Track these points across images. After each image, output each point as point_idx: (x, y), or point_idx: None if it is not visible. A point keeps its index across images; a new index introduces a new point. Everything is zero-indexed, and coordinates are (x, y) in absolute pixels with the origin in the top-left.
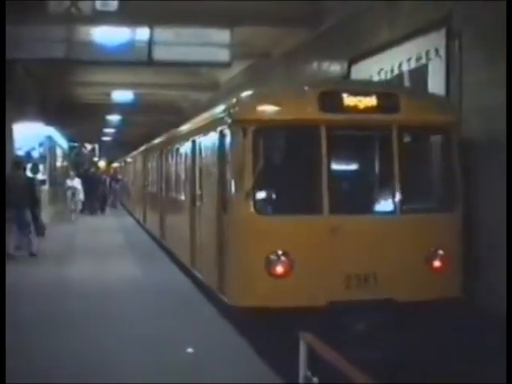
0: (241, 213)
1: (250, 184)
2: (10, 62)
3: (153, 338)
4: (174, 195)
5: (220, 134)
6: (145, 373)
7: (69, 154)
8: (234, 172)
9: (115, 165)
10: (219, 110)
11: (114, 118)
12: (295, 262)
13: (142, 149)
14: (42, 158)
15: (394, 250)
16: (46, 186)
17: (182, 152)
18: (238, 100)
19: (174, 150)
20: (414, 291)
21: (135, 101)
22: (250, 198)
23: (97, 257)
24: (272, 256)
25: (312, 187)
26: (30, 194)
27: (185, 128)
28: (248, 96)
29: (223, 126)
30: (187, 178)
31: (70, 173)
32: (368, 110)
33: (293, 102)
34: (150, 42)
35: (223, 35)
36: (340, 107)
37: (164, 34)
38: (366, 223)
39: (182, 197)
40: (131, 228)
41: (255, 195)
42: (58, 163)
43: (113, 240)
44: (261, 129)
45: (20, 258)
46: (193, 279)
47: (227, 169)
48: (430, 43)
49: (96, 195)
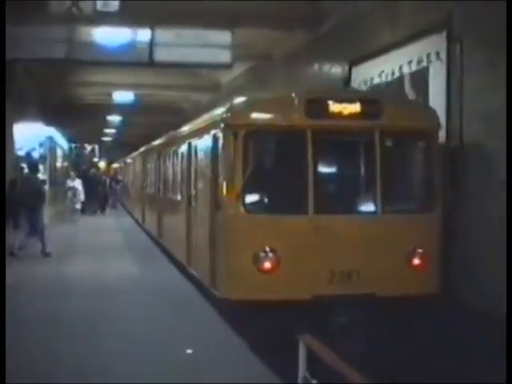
0: (231, 212)
1: (240, 185)
2: (11, 62)
3: (150, 335)
4: (171, 196)
5: (213, 138)
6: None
7: (69, 155)
8: (225, 173)
9: (115, 165)
10: (213, 114)
11: (114, 118)
12: (282, 258)
13: (141, 150)
14: (43, 159)
15: (375, 247)
16: (47, 187)
17: (178, 154)
18: (230, 106)
19: (172, 152)
20: (394, 287)
21: (136, 101)
22: (240, 198)
23: (97, 256)
24: (260, 252)
25: (298, 188)
26: (43, 195)
27: (181, 131)
28: (240, 102)
29: (216, 130)
30: (183, 179)
31: (71, 173)
32: (351, 116)
33: (281, 108)
34: (151, 43)
35: (224, 37)
36: (325, 113)
37: (165, 35)
38: (349, 223)
39: (179, 197)
40: (130, 228)
41: (245, 195)
42: (58, 163)
43: (112, 240)
44: (251, 133)
45: (22, 257)
46: (188, 277)
47: (220, 170)
48: (431, 46)
49: (96, 196)
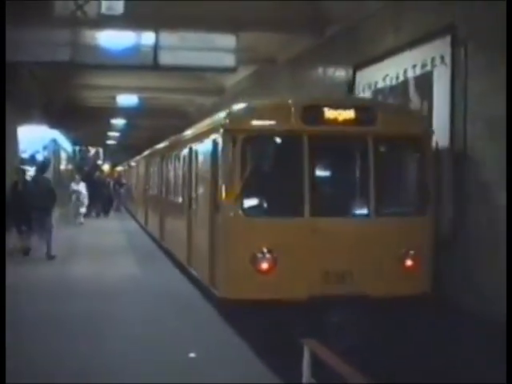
0: (230, 214)
1: (238, 188)
2: (15, 64)
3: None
4: (173, 199)
5: (213, 142)
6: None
7: (73, 158)
8: (224, 177)
9: (119, 168)
10: (213, 120)
11: (118, 121)
12: (279, 259)
13: (144, 154)
14: (47, 161)
15: (369, 249)
16: None
17: (180, 158)
18: (229, 111)
19: (174, 156)
20: (387, 287)
21: (140, 105)
22: (238, 201)
23: (100, 258)
24: (258, 254)
25: (295, 192)
26: (54, 196)
27: (183, 135)
28: (239, 108)
29: (216, 135)
30: (185, 182)
31: (76, 176)
32: (346, 122)
33: (278, 114)
34: (156, 47)
35: (229, 40)
36: (321, 120)
37: (169, 38)
38: (343, 225)
39: (180, 200)
40: (134, 231)
41: (243, 199)
42: (63, 166)
43: (116, 242)
44: (249, 138)
45: (27, 258)
46: (189, 277)
47: (219, 174)
48: (436, 50)
49: (100, 199)
